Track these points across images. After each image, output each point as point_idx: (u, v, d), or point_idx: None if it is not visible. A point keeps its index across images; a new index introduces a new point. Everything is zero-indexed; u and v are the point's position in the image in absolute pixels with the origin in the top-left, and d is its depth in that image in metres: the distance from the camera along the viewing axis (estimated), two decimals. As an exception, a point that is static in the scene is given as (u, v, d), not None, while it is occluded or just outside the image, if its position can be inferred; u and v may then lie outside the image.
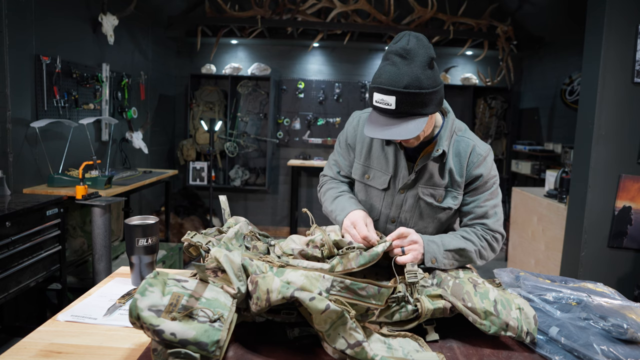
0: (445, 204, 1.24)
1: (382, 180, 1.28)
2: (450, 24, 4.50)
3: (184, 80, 5.00)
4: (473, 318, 0.89)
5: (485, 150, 1.24)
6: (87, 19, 3.19)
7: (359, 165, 1.33)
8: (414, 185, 1.26)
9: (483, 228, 1.23)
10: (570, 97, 4.10)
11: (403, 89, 1.02)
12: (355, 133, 1.34)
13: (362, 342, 0.76)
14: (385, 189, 1.29)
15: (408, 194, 1.27)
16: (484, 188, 1.24)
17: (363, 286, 0.84)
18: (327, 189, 1.40)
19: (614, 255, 2.44)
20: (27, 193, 2.52)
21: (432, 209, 1.26)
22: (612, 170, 2.39)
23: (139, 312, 0.70)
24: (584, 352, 0.81)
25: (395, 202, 1.29)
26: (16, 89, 2.49)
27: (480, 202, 1.24)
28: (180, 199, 5.18)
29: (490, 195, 1.24)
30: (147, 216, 1.17)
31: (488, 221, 1.23)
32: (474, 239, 1.20)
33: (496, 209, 1.25)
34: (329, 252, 1.02)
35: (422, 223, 1.30)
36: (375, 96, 1.07)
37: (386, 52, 1.08)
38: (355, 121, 1.36)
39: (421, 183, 1.25)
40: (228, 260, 0.85)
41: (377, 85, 1.05)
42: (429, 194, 1.24)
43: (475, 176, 1.22)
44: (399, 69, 1.03)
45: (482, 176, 1.22)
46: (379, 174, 1.29)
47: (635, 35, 2.30)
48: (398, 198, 1.28)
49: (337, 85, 5.01)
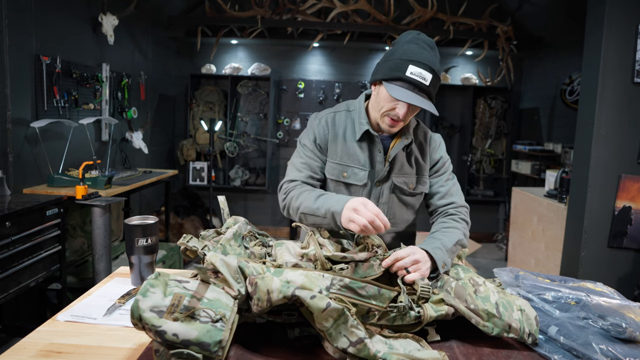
0: (418, 189, 1.35)
1: (361, 175, 1.32)
2: (450, 24, 4.50)
3: (184, 80, 5.00)
4: (476, 320, 0.90)
5: (438, 136, 1.41)
6: (87, 19, 3.19)
7: (334, 165, 1.33)
8: (388, 176, 1.33)
9: (454, 208, 1.32)
10: (570, 97, 4.10)
11: (436, 68, 1.16)
12: (325, 133, 1.33)
13: (364, 339, 0.76)
14: (364, 184, 1.32)
15: (384, 186, 1.34)
16: (444, 169, 1.37)
17: (362, 285, 0.84)
18: (302, 192, 1.25)
19: (614, 255, 2.44)
20: (27, 193, 2.52)
21: (407, 197, 1.35)
22: (612, 170, 2.39)
23: (140, 313, 0.70)
24: (583, 351, 0.81)
25: (372, 196, 1.34)
26: (16, 89, 2.49)
27: (443, 182, 1.36)
28: (180, 199, 5.18)
29: (449, 175, 1.38)
30: (147, 216, 1.17)
31: (454, 198, 1.34)
32: (456, 225, 1.26)
33: (456, 186, 1.38)
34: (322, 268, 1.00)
35: (400, 212, 1.37)
36: (411, 68, 1.14)
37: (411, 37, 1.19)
38: (323, 121, 1.35)
39: (394, 174, 1.33)
40: (224, 264, 0.85)
41: (419, 60, 1.15)
42: (402, 182, 1.33)
43: (436, 159, 1.37)
44: (432, 55, 1.17)
45: (441, 158, 1.37)
46: (356, 170, 1.32)
47: (635, 35, 2.30)
48: (375, 191, 1.34)
49: (337, 85, 5.01)
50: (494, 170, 5.08)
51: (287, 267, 0.99)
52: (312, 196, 1.22)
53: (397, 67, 1.15)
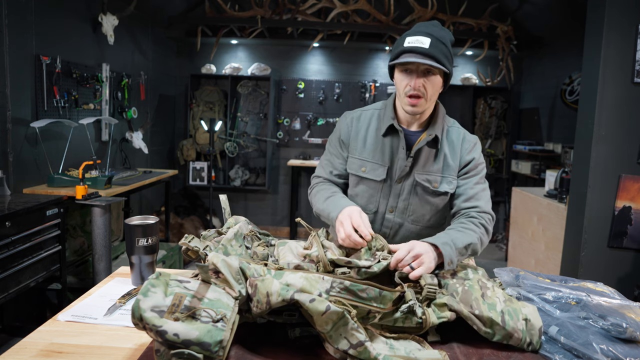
0: (442, 188, 1.31)
1: (379, 172, 1.33)
2: (450, 24, 4.50)
3: (184, 80, 4.99)
4: (478, 327, 0.89)
5: (474, 138, 1.37)
6: (87, 19, 3.19)
7: (354, 160, 1.37)
8: (410, 173, 1.32)
9: (477, 212, 1.28)
10: (570, 97, 4.10)
11: (436, 34, 1.19)
12: (349, 130, 1.39)
13: (365, 341, 0.76)
14: (383, 179, 1.33)
15: (405, 183, 1.33)
16: (475, 172, 1.33)
17: (363, 288, 0.83)
18: (319, 190, 1.39)
19: (614, 255, 2.44)
20: (27, 193, 2.52)
21: (429, 194, 1.32)
22: (612, 170, 2.39)
23: (141, 313, 0.70)
24: (584, 351, 0.81)
25: (392, 192, 1.34)
26: (16, 89, 2.49)
27: (472, 185, 1.31)
28: (180, 199, 5.18)
29: (480, 179, 1.33)
30: (147, 216, 1.17)
31: (479, 203, 1.29)
32: (474, 228, 1.23)
33: (485, 192, 1.33)
34: (324, 269, 1.00)
35: (420, 210, 1.34)
36: (408, 40, 1.20)
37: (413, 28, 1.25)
38: (349, 119, 1.41)
39: (417, 170, 1.31)
40: (226, 265, 0.85)
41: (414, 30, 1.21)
42: (424, 179, 1.31)
43: (467, 160, 1.32)
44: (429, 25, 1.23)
45: (474, 160, 1.32)
46: (375, 166, 1.34)
47: (635, 35, 2.30)
48: (395, 188, 1.34)
49: (337, 85, 5.01)
50: (494, 170, 5.08)
51: (289, 268, 0.99)
52: (323, 197, 1.33)
53: (398, 45, 1.23)
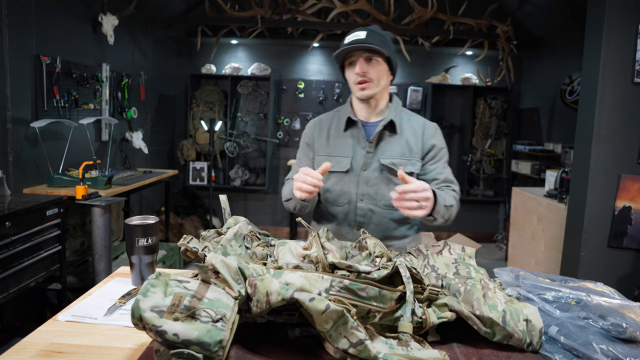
0: (407, 169, 1.41)
1: (344, 163, 1.45)
2: (450, 24, 4.50)
3: (184, 80, 5.00)
4: (478, 327, 0.89)
5: (434, 125, 1.50)
6: (87, 19, 3.19)
7: (320, 157, 1.50)
8: (373, 159, 1.43)
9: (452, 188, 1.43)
10: (570, 97, 4.10)
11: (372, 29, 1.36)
12: (312, 133, 1.55)
13: (365, 340, 0.76)
14: (348, 169, 1.44)
15: (371, 168, 1.43)
16: (439, 157, 1.46)
17: (363, 287, 0.83)
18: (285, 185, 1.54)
19: (614, 255, 2.44)
20: (27, 193, 2.52)
21: (396, 177, 1.41)
22: (612, 170, 2.39)
23: (141, 313, 0.70)
24: (583, 351, 0.81)
25: (360, 181, 1.44)
26: (16, 89, 2.49)
27: (441, 169, 1.45)
28: (180, 199, 5.18)
29: (445, 163, 1.48)
30: (147, 216, 1.17)
31: (451, 182, 1.45)
32: (454, 194, 1.40)
33: (451, 172, 1.49)
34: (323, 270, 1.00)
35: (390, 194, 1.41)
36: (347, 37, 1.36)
37: None
38: (312, 123, 1.58)
39: (380, 155, 1.43)
40: (224, 265, 0.85)
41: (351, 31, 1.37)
42: (389, 162, 1.41)
43: (431, 145, 1.45)
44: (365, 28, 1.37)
45: (436, 145, 1.45)
46: (339, 159, 1.46)
47: (635, 35, 2.30)
48: (363, 176, 1.44)
49: (337, 85, 5.01)
50: (494, 170, 5.08)
51: (288, 268, 0.99)
52: (288, 186, 1.47)
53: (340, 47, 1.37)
